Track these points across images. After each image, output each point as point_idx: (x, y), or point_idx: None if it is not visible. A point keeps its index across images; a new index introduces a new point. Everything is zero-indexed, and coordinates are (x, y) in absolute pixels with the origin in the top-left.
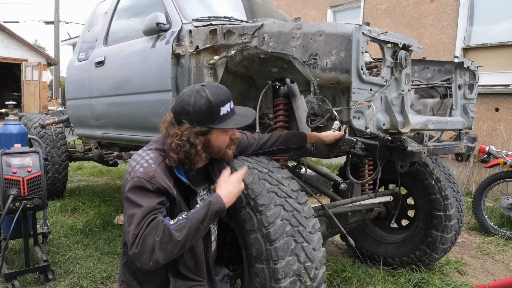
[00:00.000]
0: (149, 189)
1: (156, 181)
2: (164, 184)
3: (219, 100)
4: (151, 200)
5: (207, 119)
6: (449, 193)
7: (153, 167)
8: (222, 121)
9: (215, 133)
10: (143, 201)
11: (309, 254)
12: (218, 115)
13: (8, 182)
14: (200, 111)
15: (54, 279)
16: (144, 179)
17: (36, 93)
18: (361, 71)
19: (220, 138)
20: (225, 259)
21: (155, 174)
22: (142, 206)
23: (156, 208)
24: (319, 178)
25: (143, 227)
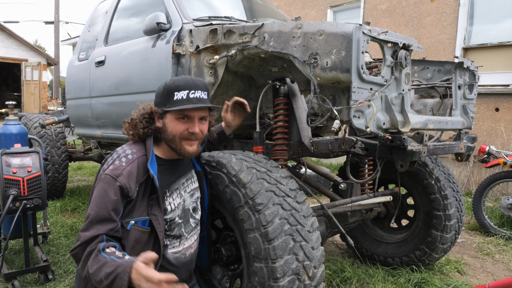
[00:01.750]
0: (111, 188)
1: (120, 180)
2: (127, 184)
3: (174, 85)
4: (106, 213)
5: (162, 101)
6: (448, 193)
7: (123, 165)
8: (173, 105)
9: (169, 118)
10: (100, 208)
11: (308, 253)
12: (171, 99)
13: (8, 182)
14: (158, 94)
15: (54, 279)
16: (110, 176)
17: (36, 93)
18: (361, 71)
19: (174, 125)
20: (224, 259)
21: (122, 172)
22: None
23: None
24: (319, 178)
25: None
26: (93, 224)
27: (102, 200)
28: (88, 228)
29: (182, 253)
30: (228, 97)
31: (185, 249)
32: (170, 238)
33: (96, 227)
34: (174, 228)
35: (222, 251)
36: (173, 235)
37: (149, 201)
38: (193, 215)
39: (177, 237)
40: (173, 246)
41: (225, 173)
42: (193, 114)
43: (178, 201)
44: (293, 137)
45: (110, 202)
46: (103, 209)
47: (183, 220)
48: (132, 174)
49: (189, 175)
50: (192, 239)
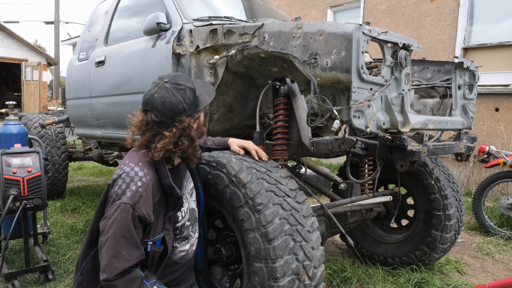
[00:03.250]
0: (130, 215)
1: (138, 209)
2: (145, 213)
3: (193, 84)
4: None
5: (196, 105)
6: (448, 193)
7: (140, 191)
8: (200, 100)
9: (200, 114)
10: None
11: (308, 253)
12: (197, 98)
13: (8, 182)
14: (191, 103)
15: (54, 279)
16: (129, 205)
17: (36, 93)
18: (361, 71)
19: (202, 117)
20: (224, 259)
21: (139, 200)
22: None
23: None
24: (319, 178)
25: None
26: (124, 254)
27: (126, 230)
28: (118, 256)
29: (187, 250)
30: (228, 97)
31: (191, 245)
32: (179, 241)
33: (126, 257)
34: (183, 231)
35: (222, 251)
36: (182, 237)
37: (165, 218)
38: (194, 213)
39: (185, 238)
40: (182, 245)
41: (225, 173)
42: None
43: (186, 206)
44: (293, 137)
45: (133, 231)
46: (130, 238)
47: (191, 221)
48: (149, 199)
49: (186, 176)
50: (196, 235)
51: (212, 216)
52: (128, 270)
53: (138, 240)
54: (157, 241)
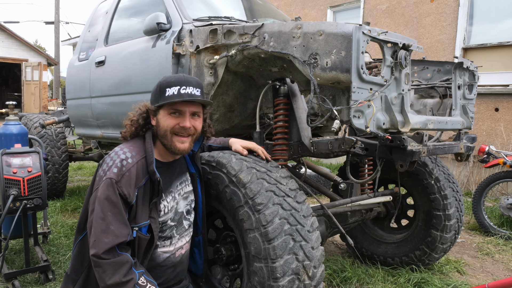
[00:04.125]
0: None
1: (120, 187)
2: (126, 192)
3: (166, 82)
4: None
5: (155, 98)
6: (448, 193)
7: (123, 170)
8: (164, 101)
9: (162, 113)
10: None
11: (308, 253)
12: (163, 95)
13: (8, 182)
14: (152, 92)
15: (54, 279)
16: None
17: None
18: (361, 71)
19: (166, 120)
20: (224, 259)
21: (122, 179)
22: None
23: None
24: (319, 178)
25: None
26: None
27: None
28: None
29: (172, 253)
30: (228, 97)
31: (176, 249)
32: (160, 240)
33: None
34: (165, 230)
35: (222, 251)
36: (164, 236)
37: (150, 205)
38: (186, 217)
39: (168, 238)
40: (164, 245)
41: (225, 173)
42: (185, 109)
43: (172, 204)
44: (293, 137)
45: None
46: (117, 214)
47: (176, 223)
48: (132, 179)
49: (183, 178)
50: (184, 240)
51: (212, 216)
52: (118, 252)
53: (125, 217)
54: (143, 228)
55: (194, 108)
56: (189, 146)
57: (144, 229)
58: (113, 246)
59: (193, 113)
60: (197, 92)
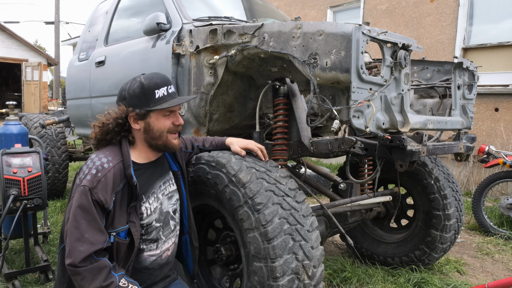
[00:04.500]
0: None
1: (95, 193)
2: (102, 198)
3: (152, 83)
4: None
5: (142, 102)
6: (448, 193)
7: (99, 176)
8: (157, 104)
9: (154, 116)
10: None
11: (307, 252)
12: (153, 98)
13: (8, 182)
14: (134, 94)
15: (54, 279)
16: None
17: (37, 93)
18: (360, 71)
19: (160, 122)
20: (224, 259)
21: (97, 185)
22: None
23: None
24: (319, 178)
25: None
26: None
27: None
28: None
29: (159, 255)
30: (228, 97)
31: (162, 251)
32: (146, 242)
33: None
34: (151, 232)
35: (222, 251)
36: (150, 239)
37: (128, 209)
38: (173, 217)
39: (154, 241)
40: (150, 249)
41: (225, 173)
42: (175, 108)
43: (155, 205)
44: (292, 137)
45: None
46: (91, 221)
47: (161, 223)
48: (108, 185)
49: (166, 177)
50: (170, 242)
51: (212, 216)
52: (95, 259)
53: (101, 224)
54: (121, 233)
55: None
56: (180, 140)
57: (122, 233)
58: (90, 254)
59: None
60: (174, 88)
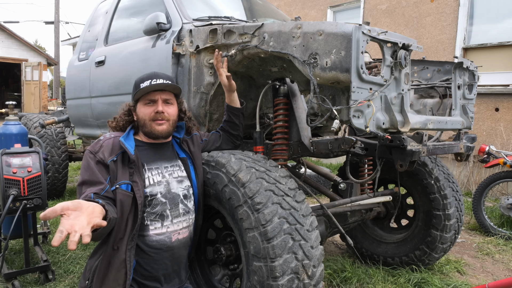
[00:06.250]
0: (92, 161)
1: (97, 154)
2: (101, 155)
3: (139, 78)
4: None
5: (132, 95)
6: (448, 193)
7: (100, 142)
8: (138, 92)
9: (138, 106)
10: (88, 176)
11: (307, 252)
12: (138, 90)
13: (8, 182)
14: (132, 90)
15: (54, 279)
16: (89, 151)
17: (36, 93)
18: (361, 70)
19: (142, 110)
20: (223, 259)
21: (99, 149)
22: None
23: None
24: (319, 178)
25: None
26: (86, 188)
27: (87, 170)
28: (83, 192)
29: (167, 235)
30: None
31: (170, 232)
32: (151, 217)
33: (89, 189)
34: (156, 205)
35: (222, 251)
36: (154, 212)
37: (129, 169)
38: (184, 201)
39: (158, 216)
40: (155, 227)
41: (224, 173)
42: (156, 97)
43: (158, 178)
44: (293, 137)
45: (94, 169)
46: (91, 176)
47: (168, 200)
48: (108, 147)
49: (173, 162)
50: (180, 225)
51: (212, 216)
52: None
53: (100, 176)
54: (123, 185)
55: (165, 95)
56: (167, 128)
57: (124, 186)
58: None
59: (165, 100)
60: (168, 83)
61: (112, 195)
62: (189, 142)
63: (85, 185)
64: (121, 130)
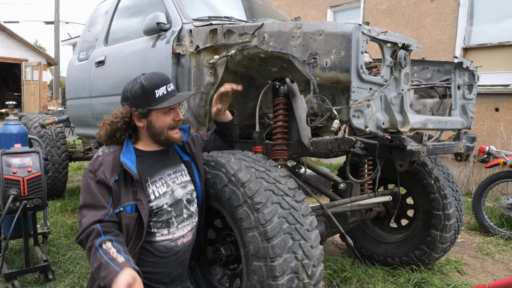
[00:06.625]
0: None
1: (97, 173)
2: (102, 176)
3: (152, 83)
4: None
5: (144, 102)
6: (448, 192)
7: (99, 159)
8: (158, 103)
9: (155, 115)
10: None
11: (307, 252)
12: (153, 97)
13: (8, 182)
14: (136, 95)
15: (54, 279)
16: (88, 170)
17: (36, 93)
18: (360, 70)
19: (161, 119)
20: (223, 259)
21: (99, 167)
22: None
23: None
24: (319, 178)
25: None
26: (88, 211)
27: (88, 192)
28: (84, 215)
29: (173, 241)
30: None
31: (176, 237)
32: (158, 225)
33: (91, 214)
34: (162, 214)
35: (222, 251)
36: (160, 221)
37: (132, 188)
38: (187, 206)
39: (165, 224)
40: (162, 234)
41: (224, 173)
42: (175, 105)
43: (163, 189)
44: (292, 137)
45: (95, 192)
46: (92, 199)
47: (173, 209)
48: (108, 165)
49: (177, 167)
50: (185, 230)
51: (212, 216)
52: (91, 227)
53: (102, 199)
54: (128, 207)
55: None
56: (181, 135)
57: (128, 208)
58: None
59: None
60: (173, 86)
61: (116, 219)
62: (190, 144)
63: (87, 208)
64: (118, 143)
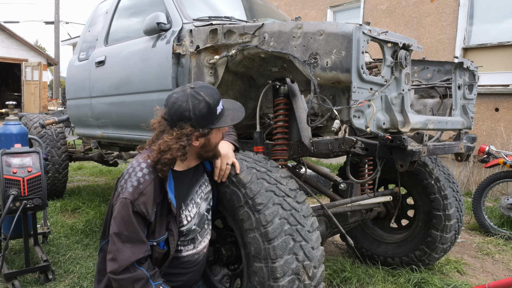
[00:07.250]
0: (131, 211)
1: (137, 204)
2: (144, 210)
3: (216, 101)
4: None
5: (208, 121)
6: (448, 193)
7: (140, 188)
8: (219, 120)
9: (214, 132)
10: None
11: (308, 253)
12: (215, 115)
13: (8, 182)
14: (201, 115)
15: (54, 279)
16: (129, 200)
17: (36, 93)
18: (361, 70)
19: (218, 136)
20: (224, 259)
21: (140, 197)
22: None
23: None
24: (319, 178)
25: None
26: (124, 245)
27: (126, 223)
28: (121, 249)
29: (197, 253)
30: (228, 97)
31: (199, 250)
32: (184, 244)
33: (130, 250)
34: (189, 234)
35: (222, 251)
36: (187, 239)
37: (167, 218)
38: (207, 216)
39: (191, 241)
40: (188, 249)
41: None
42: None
43: (194, 211)
44: (293, 137)
45: (135, 225)
46: (132, 233)
47: (197, 225)
48: (149, 197)
49: (201, 180)
50: (206, 240)
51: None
52: (135, 267)
53: (142, 235)
54: (161, 242)
55: None
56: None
57: (161, 243)
58: (131, 263)
59: None
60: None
61: (150, 251)
62: None
63: (123, 241)
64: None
